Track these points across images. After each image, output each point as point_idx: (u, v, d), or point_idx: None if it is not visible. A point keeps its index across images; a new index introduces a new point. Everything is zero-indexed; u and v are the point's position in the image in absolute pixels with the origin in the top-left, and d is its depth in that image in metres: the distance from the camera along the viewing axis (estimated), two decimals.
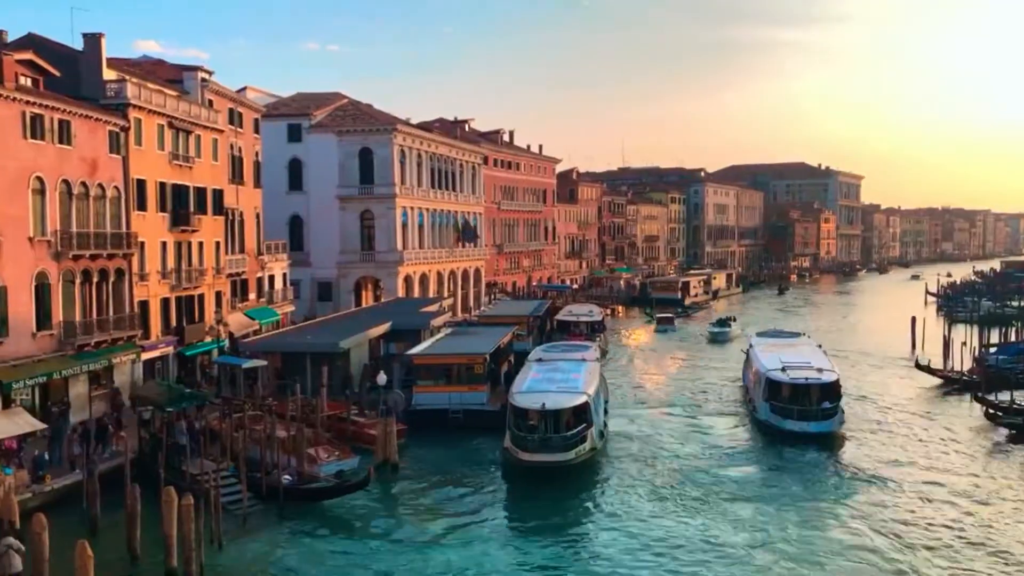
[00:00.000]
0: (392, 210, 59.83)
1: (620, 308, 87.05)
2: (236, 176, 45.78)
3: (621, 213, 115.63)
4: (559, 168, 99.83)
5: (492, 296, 75.91)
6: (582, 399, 31.25)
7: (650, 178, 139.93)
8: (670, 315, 75.15)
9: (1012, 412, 36.87)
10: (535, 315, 58.46)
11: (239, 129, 46.68)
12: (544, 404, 30.11)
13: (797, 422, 34.57)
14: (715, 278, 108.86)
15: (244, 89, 54.53)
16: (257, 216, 48.92)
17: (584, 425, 30.20)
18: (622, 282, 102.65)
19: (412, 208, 62.57)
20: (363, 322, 44.95)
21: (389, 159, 59.66)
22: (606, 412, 36.24)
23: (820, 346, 45.63)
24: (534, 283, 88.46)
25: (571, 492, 28.18)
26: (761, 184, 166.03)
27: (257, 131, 49.89)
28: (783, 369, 37.23)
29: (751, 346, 45.26)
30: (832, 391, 35.93)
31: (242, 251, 46.07)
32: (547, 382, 33.75)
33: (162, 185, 37.34)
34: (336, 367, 37.62)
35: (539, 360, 39.18)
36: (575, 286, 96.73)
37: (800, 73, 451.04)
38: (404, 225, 61.25)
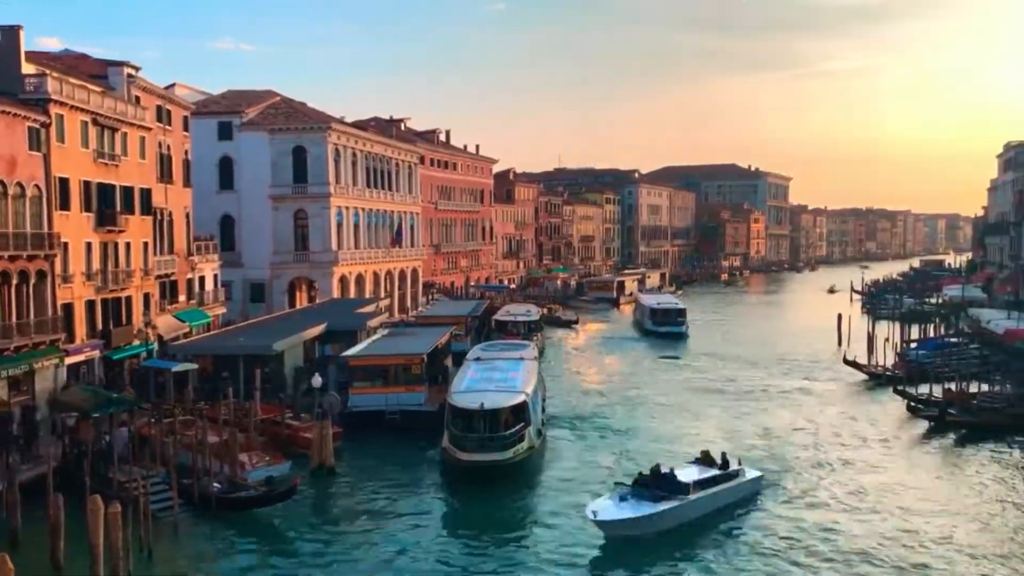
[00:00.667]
0: (327, 209, 59.06)
1: (558, 307, 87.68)
2: (165, 175, 44.60)
3: (557, 213, 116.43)
4: (496, 168, 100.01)
5: (429, 296, 75.60)
6: (520, 398, 31.36)
7: (586, 179, 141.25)
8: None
9: (931, 404, 38.48)
10: (473, 315, 58.48)
11: (167, 127, 45.48)
12: (483, 404, 30.15)
13: (663, 327, 66.15)
14: (649, 277, 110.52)
15: (172, 86, 53.14)
16: (187, 216, 47.75)
17: (522, 424, 30.31)
18: (559, 282, 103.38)
19: (347, 208, 61.88)
20: (297, 323, 44.29)
21: (323, 158, 58.87)
22: (544, 410, 36.47)
23: (677, 296, 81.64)
24: (472, 283, 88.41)
25: (509, 491, 28.25)
26: (693, 185, 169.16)
27: (187, 129, 48.68)
28: (657, 303, 72.47)
29: (640, 298, 76.43)
30: (681, 313, 69.92)
31: (171, 252, 44.91)
32: (485, 382, 33.81)
33: (86, 184, 36.11)
34: (270, 370, 36.99)
35: (477, 360, 39.24)
36: (512, 286, 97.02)
37: (730, 78, 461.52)
38: (339, 225, 60.53)
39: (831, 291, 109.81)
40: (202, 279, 49.35)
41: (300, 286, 60.67)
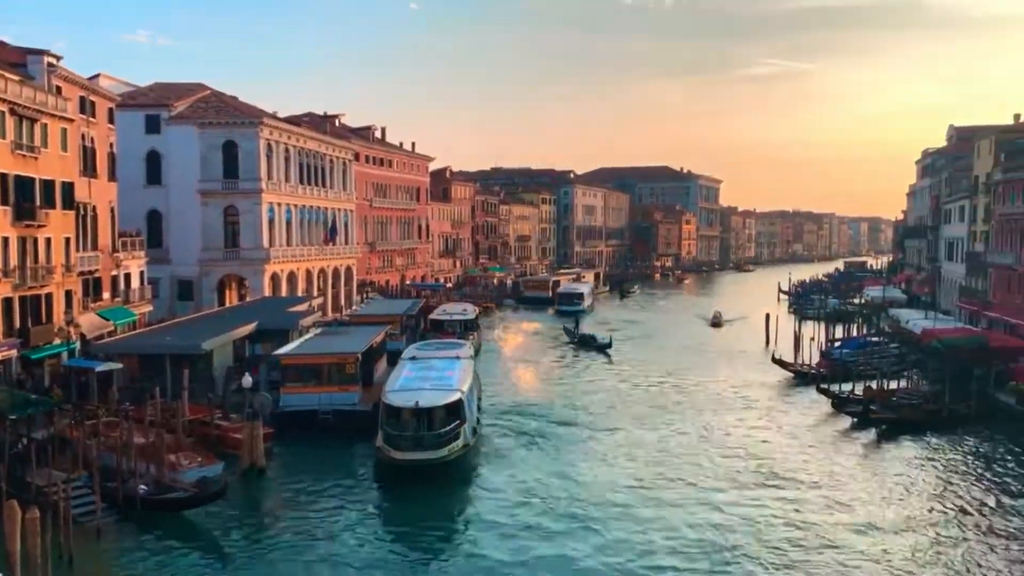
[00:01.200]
0: (258, 206, 57.94)
1: (494, 306, 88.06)
2: (88, 168, 43.12)
3: (494, 213, 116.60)
4: (432, 166, 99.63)
5: (364, 295, 74.86)
6: (455, 396, 31.31)
7: (522, 179, 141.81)
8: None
9: (853, 401, 39.84)
10: (408, 314, 58.09)
11: (91, 119, 43.98)
12: (417, 402, 30.03)
13: (569, 307, 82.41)
14: (584, 277, 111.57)
15: (97, 76, 51.42)
16: (112, 211, 46.27)
17: (457, 422, 30.28)
18: (495, 281, 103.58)
19: (279, 204, 60.82)
20: (227, 322, 43.36)
21: (255, 153, 57.74)
22: (479, 409, 36.51)
23: (590, 283, 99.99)
24: (407, 282, 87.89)
25: (444, 490, 28.20)
26: (627, 187, 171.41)
27: (112, 121, 47.17)
28: (562, 289, 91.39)
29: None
30: (584, 295, 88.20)
31: (95, 248, 43.44)
32: (420, 380, 33.69)
33: (3, 176, 34.67)
34: (198, 369, 36.10)
35: (413, 358, 39.06)
36: (449, 285, 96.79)
37: (659, 81, 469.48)
38: (271, 221, 59.46)
39: (715, 324, 76.58)
40: (128, 276, 47.90)
41: (230, 284, 59.40)
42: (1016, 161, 57.31)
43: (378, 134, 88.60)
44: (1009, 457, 33.02)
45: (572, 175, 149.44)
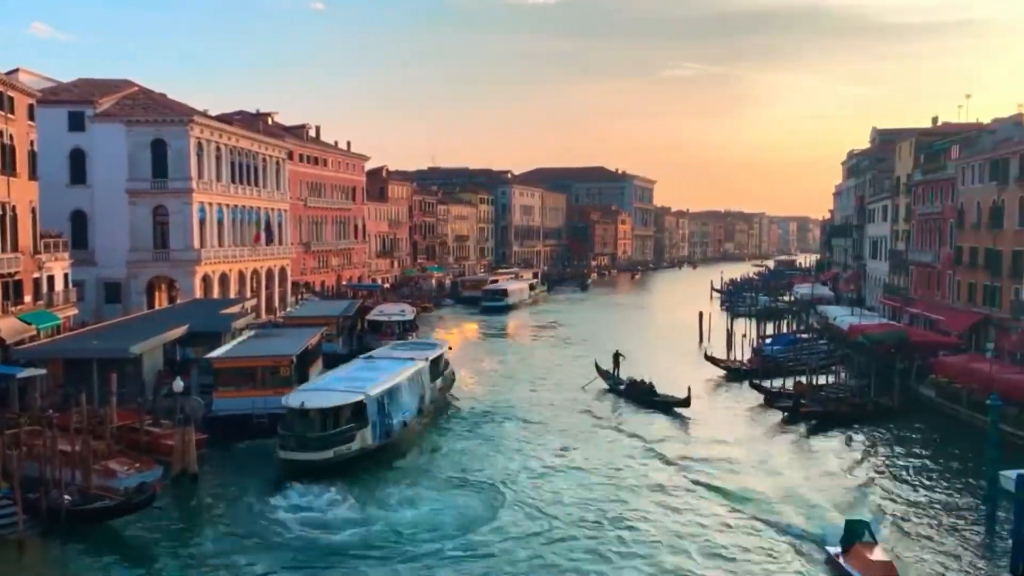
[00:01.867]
0: (188, 205, 56.57)
1: (432, 306, 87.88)
2: (7, 167, 41.43)
3: (432, 212, 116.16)
4: (368, 166, 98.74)
5: (299, 296, 73.77)
6: (355, 398, 31.24)
7: (460, 178, 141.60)
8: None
9: (784, 396, 40.96)
10: (345, 315, 57.41)
11: (10, 115, 42.26)
12: (303, 403, 30.38)
13: (493, 303, 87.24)
14: (522, 277, 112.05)
15: (16, 71, 49.45)
16: (33, 211, 44.55)
17: (353, 425, 30.39)
18: (434, 281, 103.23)
19: (211, 204, 59.48)
20: (157, 325, 42.21)
21: (185, 151, 56.33)
22: (422, 411, 36.50)
23: (526, 281, 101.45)
24: (344, 282, 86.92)
25: (368, 492, 27.93)
26: (564, 187, 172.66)
27: (32, 118, 45.44)
28: (489, 285, 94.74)
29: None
30: (506, 292, 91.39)
31: (15, 249, 41.77)
32: (337, 381, 34.10)
33: None
34: (127, 374, 35.04)
35: (368, 358, 39.95)
36: (386, 285, 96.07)
37: (587, 83, 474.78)
38: (202, 222, 58.09)
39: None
40: (51, 279, 46.19)
41: (160, 286, 57.85)
42: (934, 163, 59.67)
43: (312, 133, 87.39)
44: (929, 446, 34.40)
45: (510, 175, 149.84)
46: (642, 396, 42.41)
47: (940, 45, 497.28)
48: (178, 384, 31.89)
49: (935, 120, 74.04)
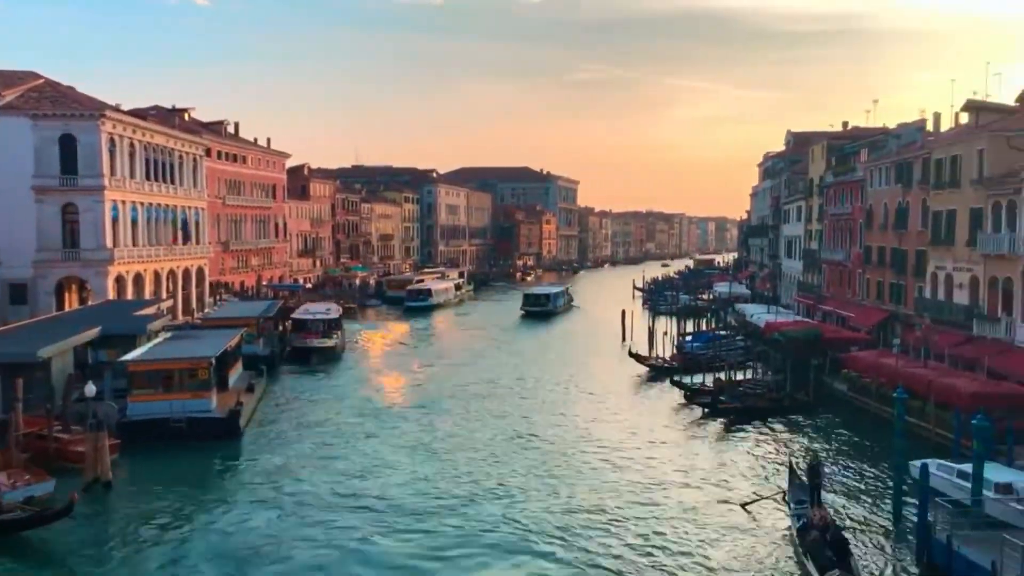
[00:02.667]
0: (100, 203, 54.47)
1: (356, 307, 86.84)
2: None
3: (355, 211, 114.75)
4: (289, 163, 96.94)
5: (218, 297, 71.90)
6: None
7: (384, 177, 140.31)
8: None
9: (703, 392, 41.97)
10: (266, 316, 56.24)
11: None
12: None
13: (416, 302, 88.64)
14: (448, 276, 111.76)
15: None
16: None
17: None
18: (358, 280, 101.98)
19: (124, 202, 57.42)
20: (67, 327, 40.51)
21: (96, 147, 54.23)
22: None
23: (442, 277, 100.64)
24: (264, 282, 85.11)
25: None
26: (489, 186, 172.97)
27: None
28: (413, 285, 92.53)
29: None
30: (431, 292, 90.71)
31: None
32: None
33: None
34: (34, 379, 33.57)
35: None
36: (309, 285, 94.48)
37: (493, 83, 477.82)
38: (115, 220, 56.03)
39: None
40: None
41: (70, 287, 55.57)
42: (844, 165, 62.02)
43: (231, 129, 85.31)
44: (840, 439, 35.75)
45: (435, 174, 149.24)
46: None
47: (827, 52, 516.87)
48: (90, 388, 30.72)
49: (845, 124, 77.02)
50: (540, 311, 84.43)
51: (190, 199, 68.39)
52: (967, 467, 24.29)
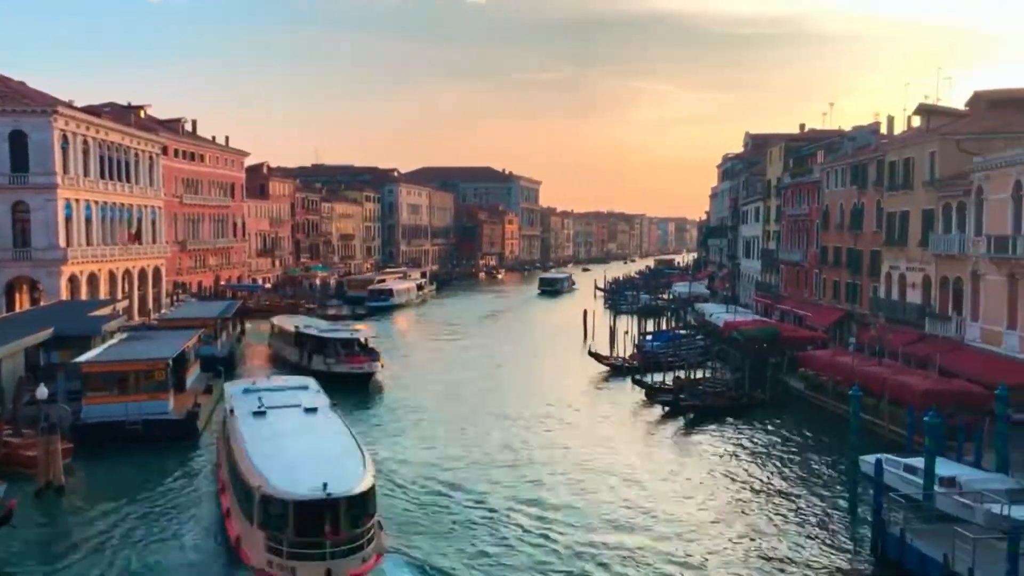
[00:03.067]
0: (52, 202, 53.28)
1: (316, 307, 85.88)
2: None
3: (316, 210, 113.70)
4: (248, 162, 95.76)
5: (175, 297, 70.77)
6: None
7: (344, 176, 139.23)
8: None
9: (664, 391, 42.36)
10: (224, 316, 55.51)
11: None
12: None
13: (378, 302, 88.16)
14: (410, 276, 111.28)
15: None
16: None
17: None
18: (318, 281, 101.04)
19: (78, 200, 56.24)
20: (17, 328, 39.53)
21: (48, 144, 53.03)
22: None
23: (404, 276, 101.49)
24: (222, 282, 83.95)
25: None
26: (451, 186, 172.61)
27: None
28: (374, 286, 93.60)
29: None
30: (392, 292, 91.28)
31: None
32: None
33: None
34: None
35: None
36: (268, 285, 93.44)
37: (443, 84, 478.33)
38: (68, 219, 54.86)
39: None
40: None
41: (20, 287, 54.28)
42: (801, 167, 63.02)
43: (188, 127, 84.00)
44: (798, 436, 36.32)
45: (396, 173, 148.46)
46: None
47: (786, 54, 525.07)
48: (42, 391, 30.02)
49: (802, 127, 78.28)
50: (552, 290, 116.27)
51: (146, 198, 67.21)
52: (917, 462, 24.85)
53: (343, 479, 19.89)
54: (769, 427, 37.98)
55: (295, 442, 23.03)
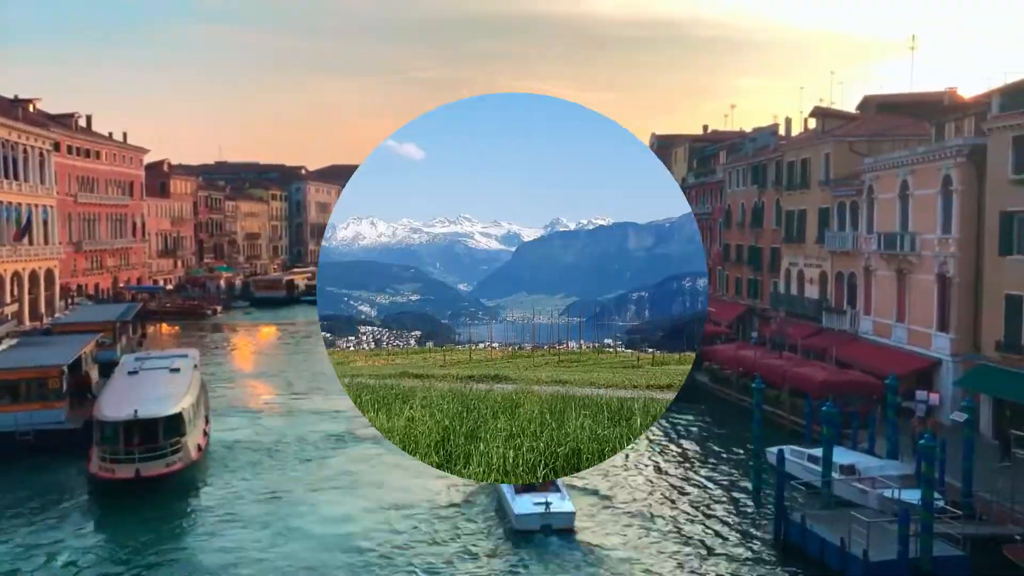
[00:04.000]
0: None
1: (219, 309, 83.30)
2: None
3: (219, 209, 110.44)
4: (148, 159, 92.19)
5: (69, 300, 67.51)
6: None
7: (249, 174, 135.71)
8: None
9: None
10: (123, 320, 53.26)
11: None
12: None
13: None
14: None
15: None
16: None
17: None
18: (223, 282, 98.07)
19: None
20: None
21: None
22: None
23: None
24: (121, 284, 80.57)
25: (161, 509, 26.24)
26: None
27: None
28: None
29: None
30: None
31: None
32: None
33: None
34: None
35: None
36: (170, 286, 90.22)
37: (362, 83, 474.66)
38: None
39: None
40: None
41: None
42: (705, 167, 64.93)
43: (82, 122, 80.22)
44: (704, 428, 37.39)
45: (304, 171, 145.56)
46: None
47: (669, 58, 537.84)
48: None
49: (705, 128, 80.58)
50: None
51: (37, 196, 63.85)
52: (818, 451, 25.95)
53: (153, 407, 27.99)
54: (675, 420, 38.87)
55: (138, 388, 30.67)
